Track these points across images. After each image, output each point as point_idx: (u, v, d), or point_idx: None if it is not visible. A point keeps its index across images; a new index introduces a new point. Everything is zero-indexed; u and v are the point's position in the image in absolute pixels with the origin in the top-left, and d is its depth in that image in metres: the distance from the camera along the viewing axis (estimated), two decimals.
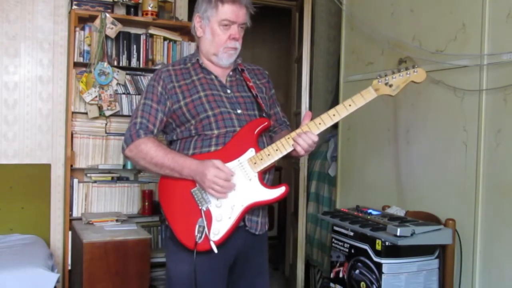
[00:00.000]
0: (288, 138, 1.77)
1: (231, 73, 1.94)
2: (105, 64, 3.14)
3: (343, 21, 3.16)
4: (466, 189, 2.21)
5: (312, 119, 1.78)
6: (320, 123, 1.77)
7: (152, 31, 3.35)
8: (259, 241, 1.91)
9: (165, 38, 3.40)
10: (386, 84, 1.77)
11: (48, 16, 3.30)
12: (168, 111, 1.85)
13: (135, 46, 3.31)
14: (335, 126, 3.42)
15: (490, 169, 2.12)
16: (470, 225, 2.18)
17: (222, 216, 1.74)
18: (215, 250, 1.72)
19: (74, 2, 3.16)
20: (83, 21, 3.20)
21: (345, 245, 2.27)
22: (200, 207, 1.75)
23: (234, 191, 1.75)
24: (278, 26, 5.65)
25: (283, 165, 5.76)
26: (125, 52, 3.30)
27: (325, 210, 3.50)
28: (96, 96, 3.14)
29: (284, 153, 1.77)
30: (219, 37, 1.84)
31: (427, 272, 2.12)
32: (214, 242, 1.72)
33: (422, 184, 2.48)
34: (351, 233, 2.24)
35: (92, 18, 3.16)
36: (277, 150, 1.76)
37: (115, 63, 3.26)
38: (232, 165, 1.76)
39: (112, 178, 3.31)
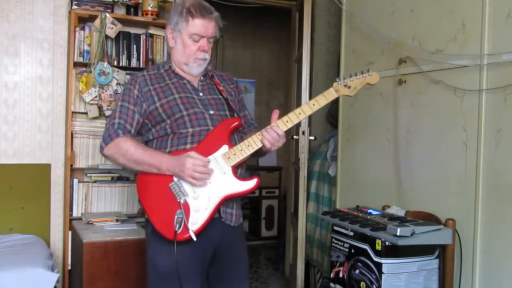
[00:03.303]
0: (259, 134, 1.90)
1: (202, 78, 2.07)
2: (105, 64, 3.13)
3: (343, 21, 3.16)
4: (466, 189, 2.21)
5: (280, 117, 1.91)
6: (287, 121, 1.92)
7: (152, 31, 3.35)
8: (236, 232, 2.01)
9: (165, 38, 3.40)
10: (345, 86, 1.96)
11: (48, 16, 3.29)
12: (144, 112, 1.95)
13: (135, 46, 3.32)
14: (335, 126, 3.43)
15: (490, 169, 2.12)
16: (470, 225, 2.18)
17: (199, 207, 1.85)
18: (194, 238, 1.82)
19: (74, 2, 3.16)
20: (83, 21, 3.19)
21: (345, 245, 2.27)
22: (178, 200, 1.85)
23: (210, 184, 1.86)
24: (278, 26, 5.64)
25: (283, 165, 5.78)
26: (125, 52, 3.29)
27: (325, 210, 3.49)
28: (96, 96, 3.14)
29: (256, 148, 1.90)
30: (189, 48, 1.97)
31: (427, 272, 2.12)
32: (193, 231, 1.82)
33: (422, 184, 2.47)
34: (351, 233, 2.24)
35: (92, 18, 3.16)
36: (248, 146, 1.90)
37: (115, 63, 3.26)
38: None
39: (112, 178, 3.31)
